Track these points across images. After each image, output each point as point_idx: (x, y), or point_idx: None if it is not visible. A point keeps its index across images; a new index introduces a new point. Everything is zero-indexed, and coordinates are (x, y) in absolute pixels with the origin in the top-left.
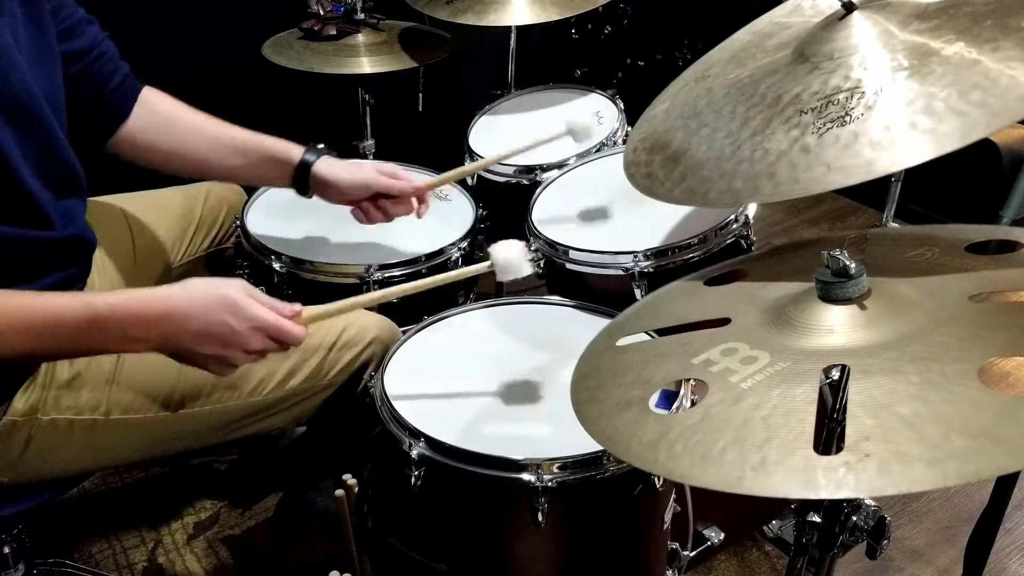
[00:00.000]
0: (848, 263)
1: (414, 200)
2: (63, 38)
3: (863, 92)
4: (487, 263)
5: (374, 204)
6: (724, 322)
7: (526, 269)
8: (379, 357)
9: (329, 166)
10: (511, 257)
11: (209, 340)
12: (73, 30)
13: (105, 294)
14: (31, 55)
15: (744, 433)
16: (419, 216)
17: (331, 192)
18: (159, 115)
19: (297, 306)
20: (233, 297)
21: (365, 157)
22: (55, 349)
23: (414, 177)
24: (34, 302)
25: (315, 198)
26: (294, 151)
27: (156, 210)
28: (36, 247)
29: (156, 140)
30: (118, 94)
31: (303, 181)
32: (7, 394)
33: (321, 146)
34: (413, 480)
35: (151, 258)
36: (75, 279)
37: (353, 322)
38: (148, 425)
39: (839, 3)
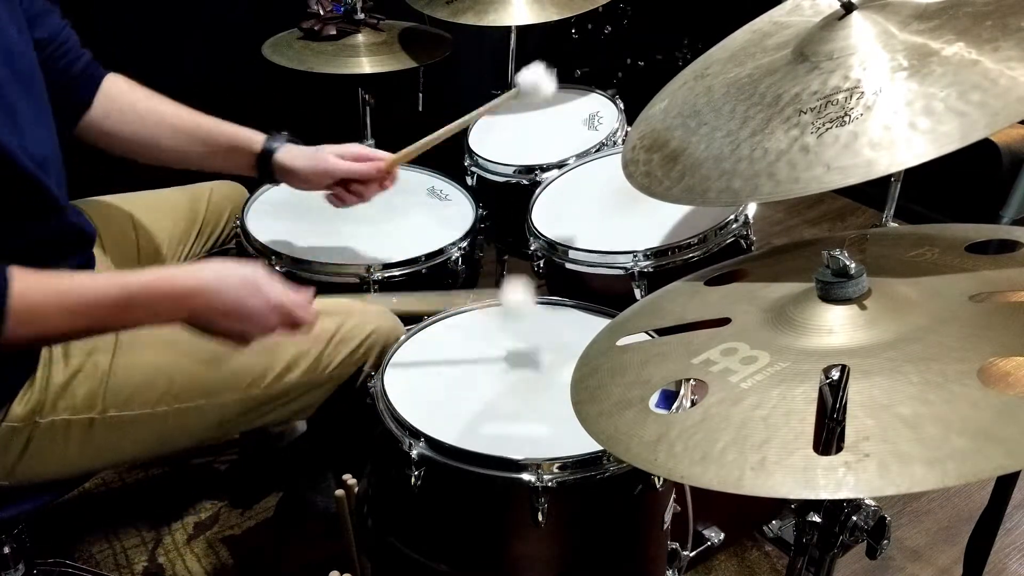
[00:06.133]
0: (848, 263)
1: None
2: (29, 26)
3: (862, 92)
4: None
5: (345, 188)
6: (724, 322)
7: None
8: (379, 350)
9: (290, 156)
10: (518, 298)
11: (233, 316)
12: (36, 19)
13: (138, 273)
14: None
15: (744, 433)
16: (383, 187)
17: (294, 180)
18: (120, 103)
19: (311, 292)
20: (257, 278)
21: None
22: (92, 327)
23: (377, 154)
24: (73, 283)
25: (314, 198)
26: (256, 140)
27: (159, 210)
28: (44, 238)
29: (118, 128)
30: (79, 83)
31: (266, 169)
32: (6, 398)
33: (284, 133)
34: (413, 480)
35: (154, 258)
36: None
37: (352, 315)
38: (145, 422)
39: (839, 3)
